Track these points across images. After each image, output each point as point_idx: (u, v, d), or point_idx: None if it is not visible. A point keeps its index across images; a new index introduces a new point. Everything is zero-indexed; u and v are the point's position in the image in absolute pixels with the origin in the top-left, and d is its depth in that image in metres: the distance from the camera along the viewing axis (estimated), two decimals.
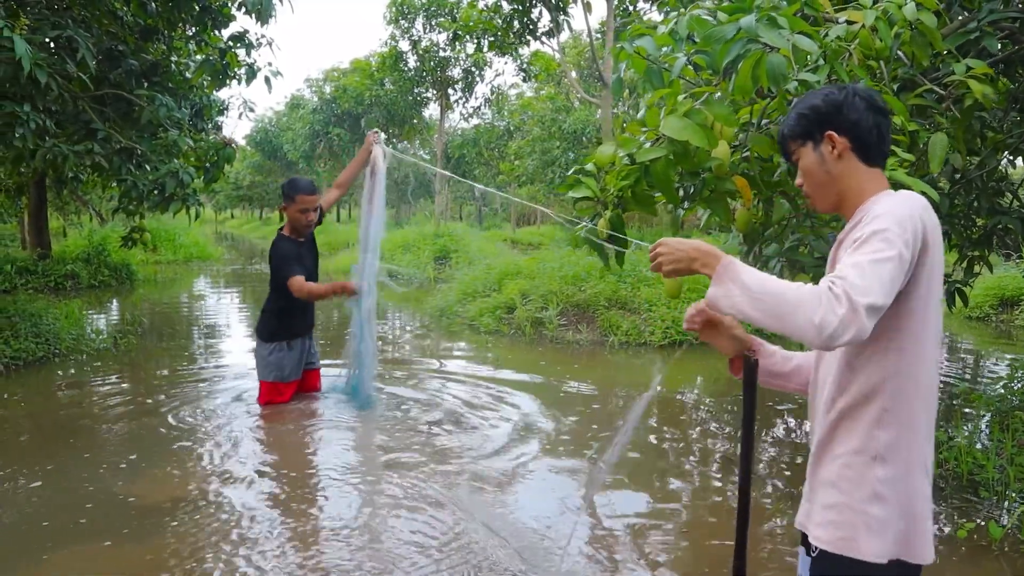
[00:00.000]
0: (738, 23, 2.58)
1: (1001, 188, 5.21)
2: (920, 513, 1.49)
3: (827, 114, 1.60)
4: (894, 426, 1.48)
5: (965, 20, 3.83)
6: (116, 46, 6.86)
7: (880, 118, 1.60)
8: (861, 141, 1.60)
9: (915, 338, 1.48)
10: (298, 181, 4.95)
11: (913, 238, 1.41)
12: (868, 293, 1.33)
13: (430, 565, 3.01)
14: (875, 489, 1.48)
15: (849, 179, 1.61)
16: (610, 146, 3.41)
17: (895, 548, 1.47)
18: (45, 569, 2.98)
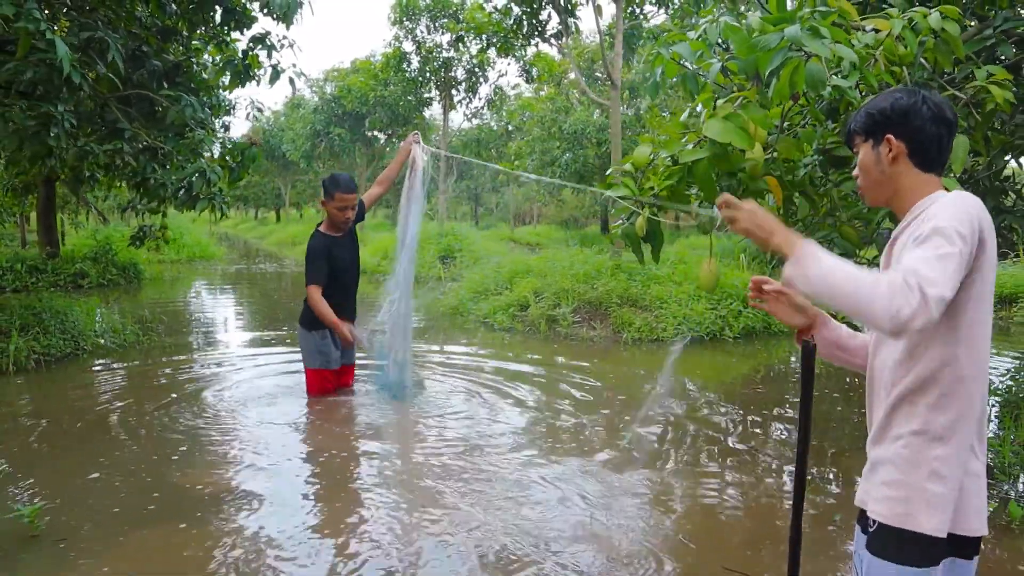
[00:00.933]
0: (782, 32, 2.75)
1: (1006, 188, 5.41)
2: (970, 489, 1.58)
3: (891, 118, 1.70)
4: (952, 409, 1.57)
5: (981, 27, 4.02)
6: (140, 47, 7.00)
7: (944, 129, 1.68)
8: (920, 148, 1.68)
9: (972, 328, 1.57)
10: (339, 178, 5.09)
11: (971, 234, 1.50)
12: (937, 284, 1.43)
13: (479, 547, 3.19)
14: (933, 467, 1.56)
15: (901, 181, 1.70)
16: (646, 147, 3.59)
17: (954, 522, 1.56)
18: (126, 550, 3.13)
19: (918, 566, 1.55)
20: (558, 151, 23.27)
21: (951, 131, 1.70)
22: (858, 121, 1.77)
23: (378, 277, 16.35)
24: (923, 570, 1.55)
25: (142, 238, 10.70)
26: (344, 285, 5.26)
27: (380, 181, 5.49)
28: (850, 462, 4.31)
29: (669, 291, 8.94)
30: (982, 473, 1.61)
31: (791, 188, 3.78)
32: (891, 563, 1.57)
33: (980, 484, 1.60)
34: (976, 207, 1.55)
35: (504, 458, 4.32)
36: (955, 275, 1.47)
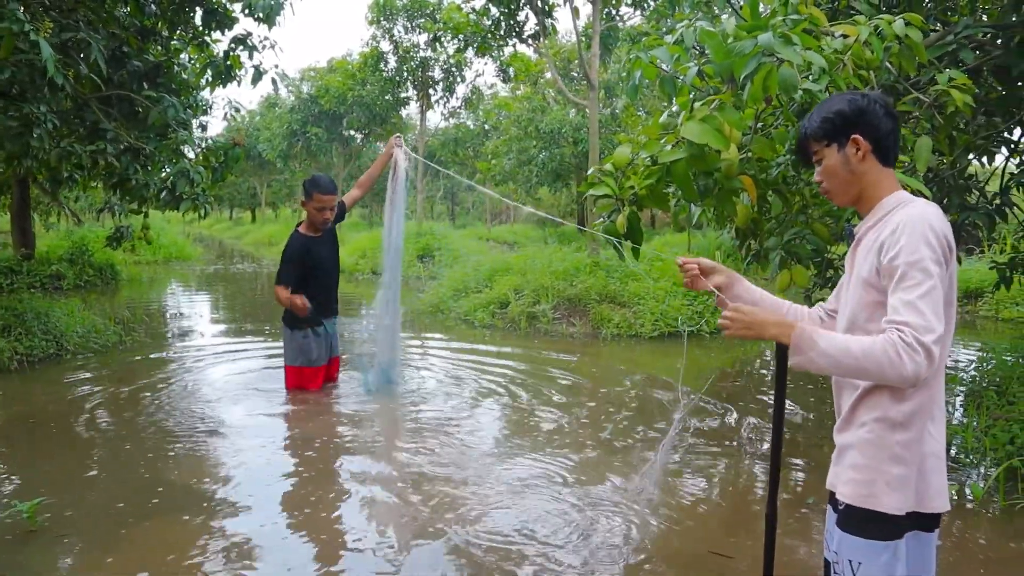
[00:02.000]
0: (756, 39, 2.89)
1: (969, 186, 5.62)
2: (931, 469, 1.68)
3: (851, 119, 1.78)
4: (913, 399, 1.67)
5: (943, 33, 4.21)
6: (120, 47, 7.02)
7: (895, 123, 1.80)
8: (881, 144, 1.78)
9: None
10: (319, 180, 5.21)
11: (942, 253, 1.63)
12: (932, 330, 1.57)
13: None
14: (895, 452, 1.67)
15: (867, 178, 1.79)
16: (626, 148, 3.73)
17: (912, 501, 1.68)
18: (128, 544, 3.21)
19: (883, 539, 1.67)
20: (534, 150, 23.40)
21: (898, 124, 1.84)
22: (814, 128, 1.83)
23: (357, 276, 16.39)
24: (888, 543, 1.67)
25: (119, 239, 10.66)
26: (325, 283, 5.40)
27: (361, 183, 5.60)
28: (821, 451, 4.49)
29: (647, 287, 9.11)
30: (942, 455, 1.71)
31: (765, 186, 3.94)
32: (859, 538, 1.69)
33: (940, 465, 1.70)
34: (938, 220, 1.66)
35: (487, 452, 4.44)
36: (940, 305, 1.60)
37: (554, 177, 24.40)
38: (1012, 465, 3.84)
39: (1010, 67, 4.01)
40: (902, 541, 1.68)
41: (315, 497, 3.74)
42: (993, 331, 9.32)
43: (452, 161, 31.26)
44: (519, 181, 25.52)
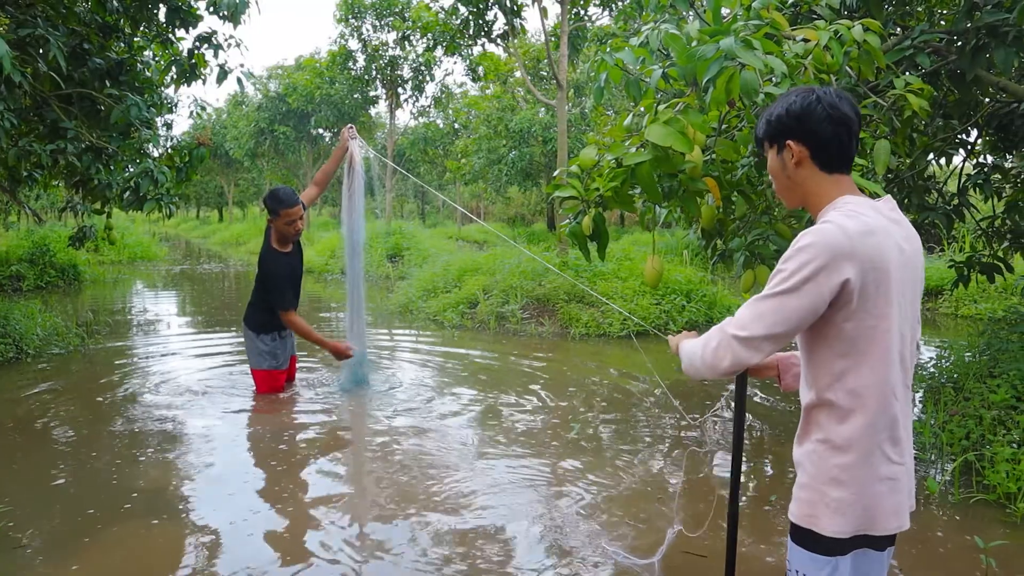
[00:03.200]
0: (718, 44, 2.93)
1: (929, 186, 5.75)
2: (881, 492, 1.64)
3: (788, 123, 1.71)
4: (851, 421, 1.63)
5: (900, 39, 4.30)
6: (81, 44, 6.89)
7: (842, 127, 1.67)
8: (821, 150, 1.69)
9: (861, 349, 1.62)
10: (279, 195, 5.18)
11: (814, 273, 1.56)
12: (744, 327, 1.62)
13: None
14: (833, 475, 1.64)
15: (808, 184, 1.73)
16: (592, 149, 3.76)
17: (854, 525, 1.63)
18: (91, 552, 3.16)
19: (825, 555, 1.66)
20: (504, 149, 23.44)
21: (851, 127, 1.69)
22: (761, 128, 1.81)
23: (326, 276, 16.28)
24: (829, 558, 1.66)
25: (82, 239, 10.46)
26: (297, 293, 5.45)
27: (317, 181, 5.59)
28: (785, 449, 4.56)
29: (615, 287, 9.17)
30: (899, 475, 1.66)
31: (729, 188, 3.99)
32: (804, 550, 1.70)
33: (896, 486, 1.65)
34: (834, 241, 1.56)
35: (456, 450, 4.44)
36: (775, 313, 1.60)
37: (524, 176, 24.45)
38: (967, 460, 3.94)
39: (964, 71, 4.11)
40: (846, 558, 1.66)
41: (284, 496, 3.71)
42: (953, 328, 9.53)
43: (422, 160, 31.16)
44: (489, 180, 25.54)
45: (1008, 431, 3.97)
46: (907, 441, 1.70)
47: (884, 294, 1.60)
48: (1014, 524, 3.44)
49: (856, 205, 1.66)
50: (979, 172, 5.71)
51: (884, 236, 1.61)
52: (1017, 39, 3.87)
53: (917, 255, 1.73)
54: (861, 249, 1.57)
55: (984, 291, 10.27)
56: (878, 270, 1.58)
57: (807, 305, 1.58)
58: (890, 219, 1.67)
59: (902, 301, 1.65)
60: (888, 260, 1.60)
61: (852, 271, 1.56)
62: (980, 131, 5.49)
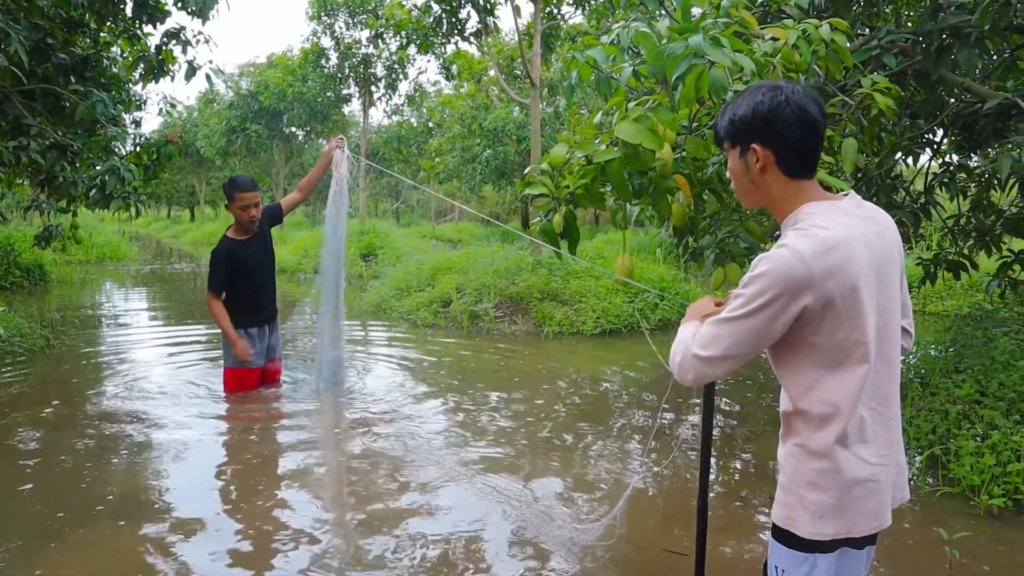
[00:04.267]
0: (687, 41, 2.94)
1: (896, 185, 5.83)
2: (861, 495, 1.63)
3: (754, 125, 1.63)
4: (825, 428, 1.63)
5: (867, 39, 4.35)
6: (44, 39, 6.76)
7: (809, 131, 1.62)
8: (787, 155, 1.63)
9: (832, 360, 1.61)
10: (237, 179, 5.15)
11: (770, 302, 1.55)
12: (705, 347, 1.65)
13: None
14: (810, 479, 1.64)
15: (772, 190, 1.68)
16: (562, 147, 3.75)
17: (834, 528, 1.63)
18: (59, 557, 3.10)
19: (803, 552, 1.67)
20: (478, 148, 23.40)
21: (818, 129, 1.64)
22: (723, 127, 1.72)
23: (299, 276, 16.13)
24: (808, 555, 1.66)
25: (48, 238, 10.25)
26: (256, 287, 5.32)
27: (301, 187, 5.49)
28: (757, 445, 4.59)
29: (588, 285, 9.19)
30: (879, 476, 1.64)
31: (700, 185, 4.00)
32: (784, 547, 1.71)
33: (876, 487, 1.64)
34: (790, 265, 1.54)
35: (430, 450, 4.42)
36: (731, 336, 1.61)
37: (498, 175, 24.43)
38: (933, 453, 4.00)
39: (930, 71, 4.16)
40: (825, 556, 1.66)
41: (253, 495, 3.67)
42: (920, 325, 9.67)
43: (396, 159, 31.00)
44: (463, 179, 25.48)
45: (972, 425, 4.04)
46: (888, 441, 1.67)
47: (854, 305, 1.57)
48: (978, 516, 3.50)
49: (817, 216, 1.61)
50: (945, 171, 5.80)
51: (848, 246, 1.57)
52: (979, 40, 3.93)
53: (892, 245, 1.70)
54: (820, 271, 1.53)
55: (951, 288, 10.45)
56: (844, 285, 1.55)
57: (762, 330, 1.59)
58: (857, 217, 1.63)
59: (882, 301, 1.63)
60: (856, 270, 1.56)
61: (810, 298, 1.54)
62: (946, 131, 5.58)
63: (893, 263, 1.69)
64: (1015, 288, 6.09)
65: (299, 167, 30.52)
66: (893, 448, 1.68)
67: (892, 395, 1.69)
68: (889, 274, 1.67)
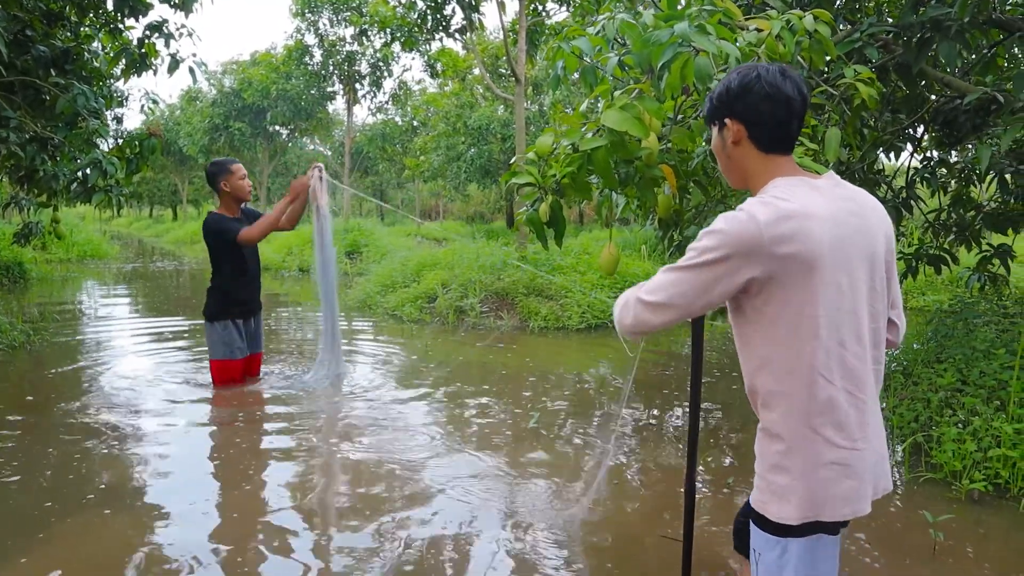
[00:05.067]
0: (672, 29, 2.96)
1: (878, 180, 5.89)
2: (829, 478, 1.61)
3: (727, 101, 1.68)
4: (780, 407, 1.63)
5: (849, 31, 4.39)
6: (24, 30, 6.68)
7: (782, 107, 1.64)
8: (758, 129, 1.67)
9: (784, 334, 1.60)
10: (225, 159, 5.21)
11: (716, 261, 1.57)
12: (651, 292, 1.65)
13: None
14: (774, 461, 1.66)
15: (746, 163, 1.71)
16: (548, 136, 3.76)
17: (802, 511, 1.62)
18: (46, 548, 3.07)
19: (776, 535, 1.68)
20: (463, 146, 23.41)
21: (792, 107, 1.65)
22: (706, 107, 1.79)
23: (283, 273, 16.05)
24: (780, 539, 1.67)
25: (28, 235, 10.14)
26: (251, 278, 5.31)
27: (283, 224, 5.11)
28: (743, 435, 4.62)
29: (573, 280, 9.21)
30: (850, 460, 1.62)
31: (685, 176, 4.02)
32: (759, 530, 1.72)
33: (847, 471, 1.62)
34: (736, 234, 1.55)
35: (416, 443, 4.41)
36: (676, 285, 1.62)
37: (483, 173, 24.44)
38: (916, 441, 4.04)
39: (911, 65, 4.21)
40: (797, 540, 1.66)
41: (240, 487, 3.66)
42: None
43: (380, 157, 30.94)
44: (448, 177, 25.47)
45: (954, 412, 4.09)
46: (860, 424, 1.64)
47: (808, 278, 1.55)
48: (959, 500, 3.54)
49: (785, 188, 1.62)
50: (926, 166, 5.86)
51: (807, 219, 1.56)
52: (960, 33, 3.97)
53: (874, 227, 1.68)
54: (771, 237, 1.53)
55: (931, 282, 10.56)
56: (797, 256, 1.54)
57: (706, 284, 1.59)
58: (830, 195, 1.64)
59: (854, 280, 1.61)
60: (813, 244, 1.54)
61: (758, 267, 1.55)
62: (926, 126, 5.64)
63: (872, 244, 1.67)
64: (994, 282, 6.17)
65: (282, 166, 30.39)
66: (869, 433, 1.65)
67: (866, 378, 1.66)
68: (866, 253, 1.65)
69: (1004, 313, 5.65)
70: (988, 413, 3.84)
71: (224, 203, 5.18)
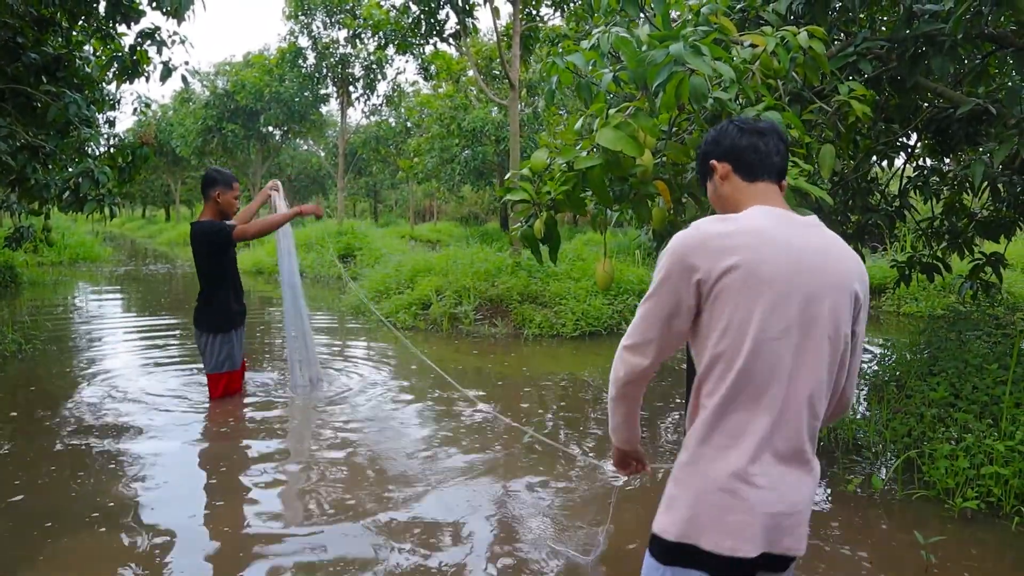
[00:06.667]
0: (667, 49, 2.95)
1: (872, 188, 5.90)
2: (715, 503, 1.55)
3: (708, 150, 1.80)
4: (695, 424, 1.63)
5: (844, 45, 4.39)
6: (14, 37, 6.64)
7: (756, 136, 1.74)
8: (740, 160, 1.74)
9: (710, 350, 1.59)
10: (228, 172, 5.30)
11: (668, 274, 1.60)
12: (629, 336, 1.68)
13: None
14: (675, 473, 1.65)
15: (734, 196, 1.75)
16: (543, 152, 3.76)
17: (681, 528, 1.58)
18: (48, 561, 3.05)
19: (658, 561, 1.63)
20: (457, 148, 23.37)
21: (766, 137, 1.74)
22: (697, 171, 1.88)
23: (275, 277, 16.00)
24: (660, 566, 1.61)
25: (19, 239, 10.08)
26: (238, 286, 5.34)
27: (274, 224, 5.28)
28: None
29: (568, 288, 9.20)
30: (745, 493, 1.55)
31: (679, 190, 4.02)
32: (648, 554, 1.67)
33: (743, 505, 1.54)
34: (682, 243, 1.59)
35: (410, 453, 4.40)
36: (644, 319, 1.65)
37: (477, 175, 24.42)
38: (909, 457, 4.05)
39: (905, 78, 4.21)
40: (673, 570, 1.60)
41: (233, 501, 3.63)
42: (895, 325, 9.80)
43: (374, 159, 30.87)
44: (442, 179, 25.43)
45: (947, 428, 4.09)
46: (771, 460, 1.57)
47: (749, 293, 1.54)
48: (952, 519, 3.54)
49: (753, 211, 1.64)
50: (919, 175, 5.88)
51: (755, 236, 1.56)
52: (952, 48, 3.98)
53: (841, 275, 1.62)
54: (715, 246, 1.55)
55: (924, 289, 10.59)
56: (743, 267, 1.53)
57: (670, 305, 1.60)
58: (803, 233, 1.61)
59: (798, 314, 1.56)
60: (761, 259, 1.54)
61: (702, 269, 1.56)
62: (919, 135, 5.65)
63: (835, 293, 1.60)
64: (987, 290, 6.19)
65: (276, 168, 30.29)
66: (786, 481, 1.58)
67: (795, 417, 1.58)
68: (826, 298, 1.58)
69: (996, 324, 5.67)
70: (981, 429, 3.85)
71: (209, 210, 5.14)
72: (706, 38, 3.15)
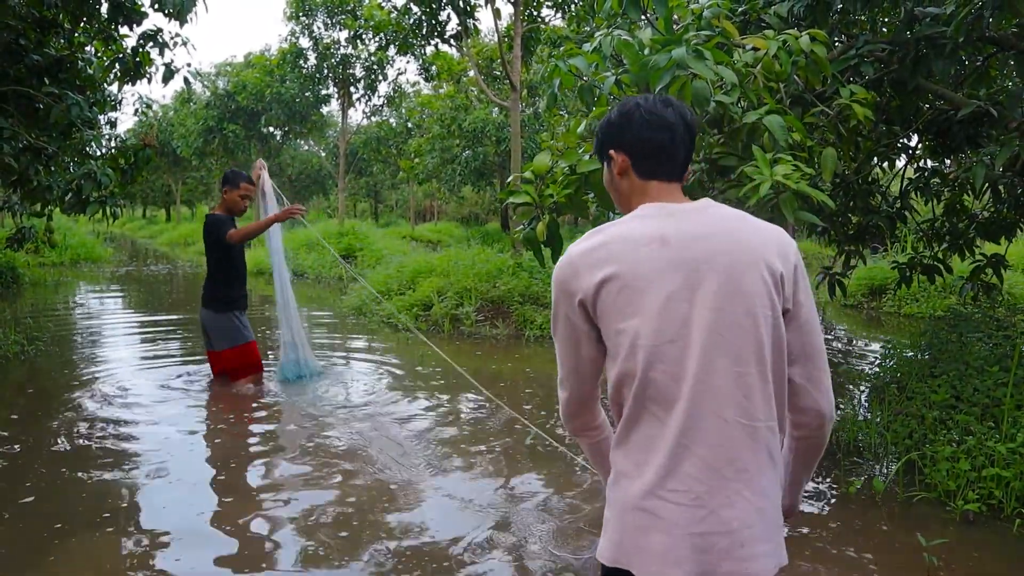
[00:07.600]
0: (670, 53, 2.96)
1: (872, 190, 5.91)
2: (632, 524, 1.47)
3: (610, 134, 1.63)
4: (614, 442, 1.58)
5: (845, 48, 4.40)
6: (17, 39, 6.65)
7: (664, 134, 1.56)
8: (640, 157, 1.59)
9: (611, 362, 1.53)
10: (242, 172, 5.71)
11: (557, 306, 1.56)
12: (559, 372, 1.63)
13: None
14: (606, 491, 1.59)
15: (629, 194, 1.62)
16: (545, 155, 3.76)
17: (612, 554, 1.50)
18: (58, 563, 3.06)
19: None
20: (458, 148, 23.40)
21: (676, 134, 1.57)
22: (594, 144, 1.74)
23: None
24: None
25: (21, 240, 10.09)
26: (243, 276, 5.69)
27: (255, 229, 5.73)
28: None
29: None
30: (661, 512, 1.44)
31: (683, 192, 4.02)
32: None
33: (662, 525, 1.44)
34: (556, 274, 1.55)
35: (413, 454, 4.40)
36: (561, 354, 1.60)
37: (478, 176, 24.44)
38: (911, 459, 4.05)
39: (906, 80, 4.22)
40: None
41: (238, 501, 3.64)
42: (896, 326, 9.81)
43: (375, 159, 30.89)
44: (443, 179, 25.46)
45: (948, 430, 4.10)
46: (687, 473, 1.43)
47: (632, 298, 1.45)
48: (953, 521, 3.55)
49: (633, 215, 1.55)
50: (920, 176, 5.89)
51: (628, 242, 1.47)
52: (953, 51, 3.99)
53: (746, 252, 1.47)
54: (587, 262, 1.48)
55: (925, 290, 10.60)
56: (619, 275, 1.45)
57: (569, 335, 1.56)
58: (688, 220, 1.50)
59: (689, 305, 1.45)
60: (638, 260, 1.45)
61: (581, 290, 1.49)
62: (920, 137, 5.66)
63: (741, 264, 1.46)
64: (987, 291, 6.20)
65: (277, 168, 30.30)
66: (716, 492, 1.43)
67: (714, 421, 1.44)
68: (724, 276, 1.45)
69: (997, 325, 5.67)
70: (982, 431, 3.85)
71: (220, 205, 5.65)
72: (708, 42, 3.16)
